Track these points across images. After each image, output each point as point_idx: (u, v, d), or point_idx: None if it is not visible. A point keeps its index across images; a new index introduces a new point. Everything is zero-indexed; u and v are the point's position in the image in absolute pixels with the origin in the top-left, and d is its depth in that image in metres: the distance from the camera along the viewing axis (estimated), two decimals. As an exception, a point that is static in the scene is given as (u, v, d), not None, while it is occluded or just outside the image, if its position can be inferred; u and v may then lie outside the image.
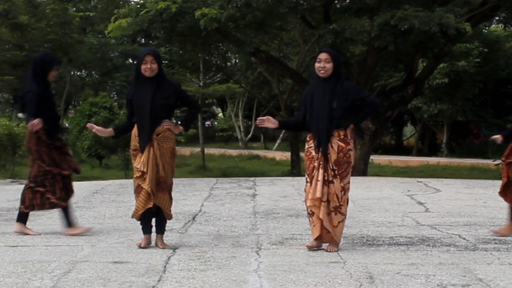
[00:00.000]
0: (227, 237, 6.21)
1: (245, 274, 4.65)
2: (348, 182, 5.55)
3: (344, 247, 5.71)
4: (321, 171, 5.44)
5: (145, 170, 5.54)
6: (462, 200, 9.14)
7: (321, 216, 5.44)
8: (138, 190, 5.61)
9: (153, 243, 5.70)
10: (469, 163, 25.56)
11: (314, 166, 5.50)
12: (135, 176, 5.65)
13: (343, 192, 5.49)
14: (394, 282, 4.43)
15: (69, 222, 6.38)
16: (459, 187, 10.93)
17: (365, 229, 6.69)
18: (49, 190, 6.29)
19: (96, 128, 5.90)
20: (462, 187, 11.00)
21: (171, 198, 5.72)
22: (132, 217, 5.73)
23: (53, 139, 6.29)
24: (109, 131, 6.01)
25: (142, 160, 5.55)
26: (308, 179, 5.55)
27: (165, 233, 6.11)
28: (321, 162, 5.45)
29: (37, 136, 6.23)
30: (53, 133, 6.29)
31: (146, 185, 5.53)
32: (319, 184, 5.43)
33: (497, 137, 6.53)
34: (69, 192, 6.41)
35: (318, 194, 5.42)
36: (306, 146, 5.66)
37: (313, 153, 5.53)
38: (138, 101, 5.60)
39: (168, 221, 5.80)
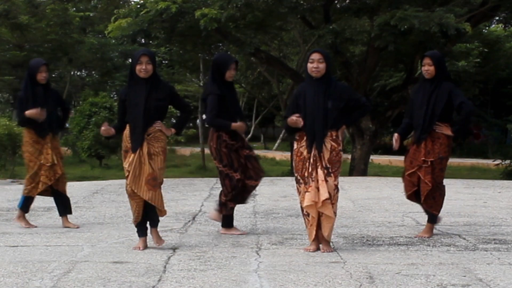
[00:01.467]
0: (227, 237, 6.21)
1: (245, 274, 4.65)
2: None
3: (344, 247, 5.71)
4: (320, 171, 5.42)
5: (130, 170, 5.52)
6: (462, 200, 9.13)
7: (330, 214, 5.41)
8: (128, 191, 5.57)
9: (151, 243, 5.70)
10: (469, 163, 25.56)
11: (306, 167, 5.47)
12: (126, 176, 5.61)
13: (336, 190, 5.49)
14: (394, 282, 4.43)
15: (229, 222, 6.40)
16: (459, 187, 10.91)
17: (365, 229, 6.69)
18: (223, 191, 6.35)
19: (106, 129, 5.73)
20: (462, 187, 10.99)
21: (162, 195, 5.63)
22: (133, 223, 5.71)
23: (235, 140, 6.21)
24: (112, 132, 5.79)
25: (129, 160, 5.51)
26: (301, 180, 5.51)
27: (165, 233, 6.12)
28: (317, 162, 5.44)
29: (218, 135, 6.20)
30: (235, 134, 6.21)
31: (128, 184, 5.50)
32: (324, 184, 5.39)
33: (394, 136, 6.20)
34: (243, 197, 6.41)
35: (325, 196, 5.37)
36: (296, 146, 5.59)
37: (305, 153, 5.49)
38: (132, 102, 5.54)
39: (168, 221, 5.78)
